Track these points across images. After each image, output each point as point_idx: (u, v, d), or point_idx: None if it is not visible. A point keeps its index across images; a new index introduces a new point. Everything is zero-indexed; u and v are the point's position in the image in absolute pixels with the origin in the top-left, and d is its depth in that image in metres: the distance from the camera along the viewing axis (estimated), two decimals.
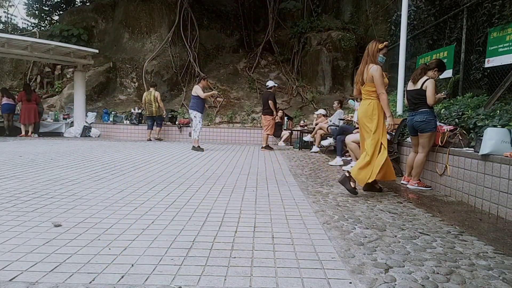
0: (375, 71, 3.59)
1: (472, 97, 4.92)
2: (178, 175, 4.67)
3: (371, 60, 3.68)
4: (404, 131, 5.44)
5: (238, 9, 16.32)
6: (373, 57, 3.68)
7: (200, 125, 8.03)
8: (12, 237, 2.19)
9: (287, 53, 15.20)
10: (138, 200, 3.24)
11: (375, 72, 3.59)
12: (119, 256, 1.95)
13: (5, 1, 19.88)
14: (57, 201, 3.11)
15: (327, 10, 15.48)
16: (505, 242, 2.49)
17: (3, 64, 13.77)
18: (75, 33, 13.79)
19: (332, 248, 2.15)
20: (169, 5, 14.46)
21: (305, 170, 5.54)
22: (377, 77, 3.58)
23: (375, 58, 3.68)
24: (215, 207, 3.09)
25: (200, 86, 7.96)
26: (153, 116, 10.46)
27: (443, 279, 1.79)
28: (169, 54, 14.05)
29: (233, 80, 14.60)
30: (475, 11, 5.92)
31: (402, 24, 6.33)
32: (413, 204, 3.45)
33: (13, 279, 1.65)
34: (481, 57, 5.64)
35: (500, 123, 3.57)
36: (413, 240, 2.36)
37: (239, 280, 1.70)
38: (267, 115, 8.68)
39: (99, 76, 13.50)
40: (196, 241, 2.22)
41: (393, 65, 8.44)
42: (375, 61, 3.67)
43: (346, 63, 13.61)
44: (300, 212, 2.99)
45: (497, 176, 3.20)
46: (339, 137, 6.32)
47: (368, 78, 3.67)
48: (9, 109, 10.54)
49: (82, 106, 11.54)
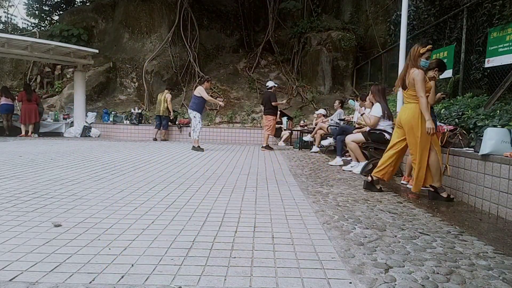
0: (417, 76, 3.54)
1: (472, 97, 4.92)
2: (178, 175, 4.67)
3: (413, 64, 3.64)
4: None
5: (238, 9, 16.32)
6: (414, 61, 3.64)
7: (200, 125, 8.05)
8: (12, 237, 2.19)
9: (287, 53, 15.21)
10: (138, 200, 3.24)
11: (417, 76, 3.54)
12: (119, 256, 1.95)
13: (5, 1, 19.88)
14: (57, 201, 3.11)
15: (327, 10, 15.48)
16: (505, 242, 2.49)
17: (3, 64, 13.77)
18: (75, 33, 13.79)
19: (332, 248, 2.15)
20: (169, 5, 14.46)
21: (305, 170, 5.54)
22: (418, 82, 3.53)
23: (417, 62, 3.63)
24: (215, 207, 3.09)
25: (203, 87, 8.02)
26: (160, 116, 10.71)
27: (443, 279, 1.79)
28: (169, 54, 14.06)
29: (233, 80, 14.60)
30: (475, 11, 5.91)
31: (402, 24, 6.32)
32: (413, 204, 3.45)
33: (13, 279, 1.65)
34: (481, 57, 5.65)
35: (500, 123, 3.57)
36: (413, 240, 2.36)
37: (239, 280, 1.70)
38: (268, 115, 8.69)
39: (99, 76, 13.50)
40: (196, 241, 2.22)
41: (393, 65, 8.45)
42: (416, 65, 3.63)
43: (346, 63, 13.61)
44: (300, 212, 2.99)
45: (497, 176, 3.20)
46: (339, 137, 6.32)
47: (410, 82, 3.64)
48: (7, 109, 10.54)
49: (82, 106, 11.54)
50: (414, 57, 3.65)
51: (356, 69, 13.80)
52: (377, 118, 5.23)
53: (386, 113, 5.23)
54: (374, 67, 11.86)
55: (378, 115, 5.22)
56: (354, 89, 13.36)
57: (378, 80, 10.80)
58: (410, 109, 3.70)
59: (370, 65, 12.16)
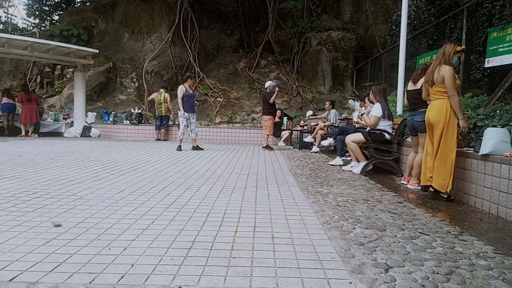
0: (447, 72, 3.48)
1: (472, 97, 4.91)
2: (178, 175, 4.67)
3: (445, 60, 3.59)
4: (404, 131, 5.45)
5: (238, 9, 16.32)
6: (448, 57, 3.59)
7: (195, 124, 8.06)
8: (12, 237, 2.19)
9: (287, 53, 15.20)
10: (138, 200, 3.24)
11: (447, 73, 3.48)
12: (119, 256, 1.95)
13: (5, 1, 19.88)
14: (57, 201, 3.11)
15: (327, 10, 15.48)
16: (505, 242, 2.49)
17: (3, 64, 13.76)
18: (75, 33, 13.79)
19: (332, 248, 2.15)
20: (169, 5, 14.46)
21: (305, 170, 5.54)
22: (449, 78, 3.47)
23: (450, 59, 3.59)
24: (215, 207, 3.09)
25: (186, 85, 7.79)
26: (161, 116, 10.68)
27: (443, 279, 1.79)
28: (169, 54, 14.05)
29: (233, 80, 14.60)
30: (475, 11, 5.91)
31: (402, 24, 6.33)
32: (413, 204, 3.45)
33: (13, 279, 1.65)
34: (481, 57, 5.64)
35: (500, 123, 3.57)
36: (413, 240, 2.36)
37: (239, 280, 1.70)
38: (265, 115, 8.70)
39: (99, 76, 13.50)
40: (196, 241, 2.22)
41: (393, 65, 8.45)
42: (449, 62, 3.58)
43: (346, 63, 13.61)
44: (300, 212, 2.99)
45: (497, 176, 3.20)
46: (339, 137, 6.32)
47: (439, 78, 3.57)
48: (8, 109, 10.55)
49: (82, 106, 11.54)
50: (449, 54, 3.59)
51: (356, 69, 13.80)
52: (377, 118, 5.24)
53: (386, 113, 5.23)
54: (374, 67, 11.86)
55: (378, 115, 5.22)
56: (354, 89, 13.37)
57: (378, 80, 10.80)
58: (436, 105, 3.64)
59: (370, 65, 12.16)
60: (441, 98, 3.61)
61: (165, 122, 10.82)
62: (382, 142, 5.27)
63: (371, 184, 4.49)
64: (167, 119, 10.84)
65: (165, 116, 10.73)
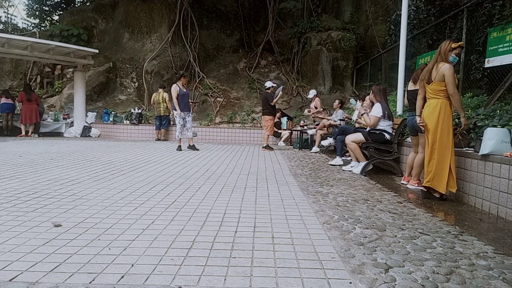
0: (447, 70, 3.45)
1: (472, 97, 4.92)
2: (178, 175, 4.67)
3: (442, 58, 3.57)
4: (404, 131, 5.45)
5: (238, 9, 16.31)
6: (444, 55, 3.56)
7: (191, 123, 8.06)
8: (12, 237, 2.19)
9: (287, 53, 15.21)
10: (138, 200, 3.24)
11: (447, 70, 3.45)
12: (119, 256, 1.95)
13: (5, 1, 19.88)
14: (57, 201, 3.11)
15: (327, 10, 15.48)
16: (505, 242, 2.49)
17: (3, 64, 13.77)
18: (75, 33, 13.80)
19: (332, 248, 2.15)
20: (169, 5, 14.45)
21: (305, 170, 5.54)
22: (449, 76, 3.44)
23: (447, 56, 3.56)
24: (215, 207, 3.09)
25: (179, 84, 7.69)
26: (160, 116, 10.66)
27: (443, 279, 1.79)
28: (169, 54, 14.05)
29: (233, 80, 14.60)
30: (475, 11, 5.92)
31: (402, 24, 6.33)
32: (413, 204, 3.45)
33: (13, 279, 1.65)
34: (481, 57, 5.65)
35: (500, 123, 3.57)
36: (413, 240, 2.36)
37: (239, 280, 1.70)
38: (266, 115, 8.70)
39: (99, 76, 13.50)
40: (196, 241, 2.22)
41: (393, 65, 8.45)
42: (446, 59, 3.56)
43: (346, 63, 13.61)
44: (300, 212, 2.99)
45: (497, 176, 3.20)
46: (339, 137, 6.32)
47: (437, 76, 3.54)
48: (8, 109, 10.56)
49: (82, 106, 11.54)
50: (444, 51, 3.57)
51: (356, 69, 13.80)
52: (377, 118, 5.24)
53: (387, 113, 5.23)
54: (374, 67, 11.86)
55: (379, 115, 5.22)
56: (354, 89, 13.37)
57: (378, 80, 10.81)
58: (431, 105, 3.62)
59: (370, 65, 12.16)
60: (436, 98, 3.59)
61: (164, 122, 10.81)
62: (382, 142, 5.27)
63: (371, 184, 4.49)
64: (166, 119, 10.83)
65: (164, 116, 10.71)
